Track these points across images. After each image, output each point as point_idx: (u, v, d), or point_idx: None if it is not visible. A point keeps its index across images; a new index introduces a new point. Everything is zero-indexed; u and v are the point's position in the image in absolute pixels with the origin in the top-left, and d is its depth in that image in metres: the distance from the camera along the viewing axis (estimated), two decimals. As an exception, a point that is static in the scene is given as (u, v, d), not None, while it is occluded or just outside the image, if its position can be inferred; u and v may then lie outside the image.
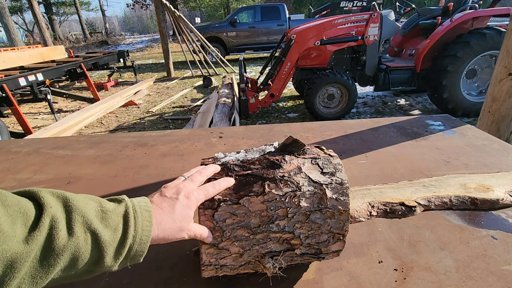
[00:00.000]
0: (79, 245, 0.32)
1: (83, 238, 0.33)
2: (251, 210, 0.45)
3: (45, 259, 0.30)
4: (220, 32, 8.98)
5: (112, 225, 0.36)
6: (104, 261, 0.35)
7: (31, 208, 0.31)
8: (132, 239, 0.37)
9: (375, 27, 3.67)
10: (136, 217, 0.38)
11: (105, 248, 0.34)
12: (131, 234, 0.37)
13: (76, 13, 23.18)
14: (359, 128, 1.19)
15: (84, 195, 0.37)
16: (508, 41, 1.54)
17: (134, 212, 0.38)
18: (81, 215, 0.33)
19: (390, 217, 0.68)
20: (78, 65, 5.25)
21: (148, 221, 0.39)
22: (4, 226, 0.27)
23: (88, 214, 0.34)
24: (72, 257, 0.32)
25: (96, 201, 0.37)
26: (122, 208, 0.38)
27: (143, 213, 0.39)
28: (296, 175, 0.47)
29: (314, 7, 10.92)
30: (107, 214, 0.36)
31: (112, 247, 0.35)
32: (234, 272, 0.49)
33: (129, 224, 0.37)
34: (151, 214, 0.40)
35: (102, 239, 0.34)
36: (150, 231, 0.38)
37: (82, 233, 0.33)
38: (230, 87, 4.90)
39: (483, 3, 4.06)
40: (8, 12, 9.86)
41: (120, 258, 0.36)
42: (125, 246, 0.36)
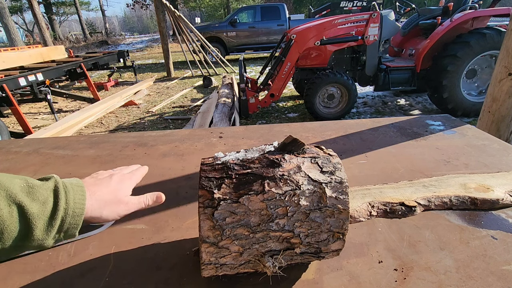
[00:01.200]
0: (2, 217, 0.31)
1: (7, 211, 0.32)
2: (250, 208, 0.45)
3: None
4: (220, 32, 8.99)
5: (40, 199, 0.35)
6: (33, 234, 0.34)
7: None
8: (64, 211, 0.36)
9: (375, 27, 3.67)
10: (67, 191, 0.38)
11: (33, 220, 0.33)
12: (62, 207, 0.36)
13: (76, 13, 23.19)
14: (359, 128, 1.19)
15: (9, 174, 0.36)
16: (508, 41, 1.54)
17: (64, 187, 0.38)
18: (4, 188, 0.33)
19: (390, 217, 0.68)
20: (78, 65, 5.25)
21: (80, 194, 0.39)
22: None
23: (12, 188, 0.33)
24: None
25: (22, 179, 0.36)
26: (51, 183, 0.37)
27: (74, 188, 0.39)
28: (295, 174, 0.47)
29: (314, 7, 10.92)
30: (34, 189, 0.35)
31: (41, 220, 0.34)
32: (234, 271, 0.49)
33: (60, 197, 0.36)
34: (83, 189, 0.40)
35: (30, 211, 0.33)
36: (84, 203, 0.38)
37: (6, 206, 0.32)
38: (230, 87, 4.90)
39: (483, 3, 4.06)
40: (8, 12, 9.86)
41: (52, 232, 0.35)
42: (57, 218, 0.35)
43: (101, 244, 0.62)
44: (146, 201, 0.47)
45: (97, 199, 0.41)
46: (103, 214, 0.41)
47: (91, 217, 0.40)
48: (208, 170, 0.48)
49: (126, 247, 0.61)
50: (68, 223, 0.37)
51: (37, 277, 0.55)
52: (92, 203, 0.40)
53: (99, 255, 0.59)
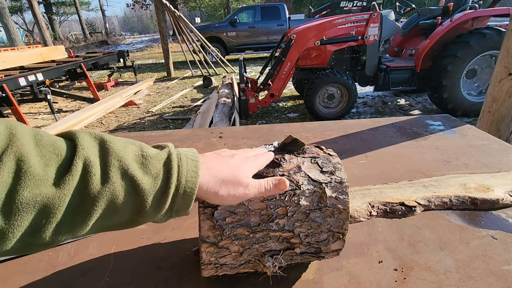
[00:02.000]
0: (115, 191, 0.30)
1: (120, 184, 0.30)
2: (250, 208, 0.45)
3: (81, 205, 0.28)
4: (220, 32, 8.98)
5: (152, 172, 0.32)
6: (145, 210, 0.32)
7: (65, 149, 0.29)
8: (175, 189, 0.33)
9: (375, 27, 3.67)
10: (180, 165, 0.34)
11: (145, 196, 0.31)
12: (174, 184, 0.33)
13: (76, 13, 23.20)
14: (359, 128, 1.19)
15: (125, 139, 0.34)
16: (508, 41, 1.54)
17: (178, 160, 0.34)
18: (118, 159, 0.30)
19: (390, 217, 0.68)
20: (78, 65, 5.25)
21: (193, 171, 0.35)
22: (36, 169, 0.26)
23: (126, 158, 0.31)
24: (109, 204, 0.30)
25: (137, 145, 0.34)
26: (164, 155, 0.34)
27: (189, 162, 0.35)
28: (295, 174, 0.47)
29: (314, 7, 10.92)
30: (147, 160, 0.33)
31: (152, 195, 0.32)
32: (234, 271, 0.49)
33: (172, 173, 0.33)
34: (197, 164, 0.35)
35: (141, 186, 0.31)
36: (196, 182, 0.34)
37: (119, 179, 0.30)
38: (230, 87, 4.90)
39: (483, 3, 4.06)
40: (8, 12, 9.86)
41: (163, 209, 0.33)
42: (167, 196, 0.33)
43: (101, 244, 0.62)
44: (267, 186, 0.40)
45: (214, 175, 0.37)
46: (219, 193, 0.37)
47: (206, 193, 0.36)
48: None
49: (126, 247, 0.61)
50: (179, 202, 0.34)
51: (37, 277, 0.55)
52: (208, 179, 0.36)
53: (99, 255, 0.59)
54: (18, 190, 0.25)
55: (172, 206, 0.34)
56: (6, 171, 0.24)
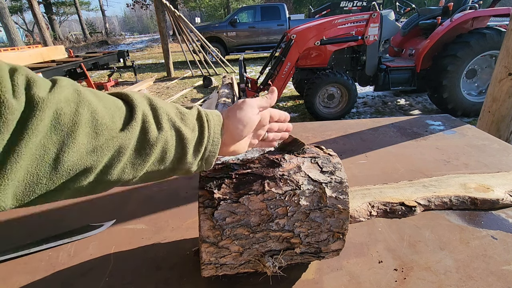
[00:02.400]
0: (167, 139, 0.35)
1: (170, 133, 0.36)
2: (250, 208, 0.45)
3: (142, 149, 0.34)
4: (220, 32, 8.98)
5: (190, 125, 0.38)
6: (186, 157, 0.38)
7: (123, 105, 0.34)
8: (207, 139, 0.39)
9: (375, 27, 3.67)
10: (209, 119, 0.41)
11: (187, 144, 0.37)
12: (206, 135, 0.39)
13: (76, 13, 23.19)
14: (359, 128, 1.19)
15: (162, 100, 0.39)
16: (508, 41, 1.54)
17: (206, 116, 0.41)
18: (166, 113, 0.36)
19: (390, 217, 0.68)
20: (78, 65, 5.25)
21: (218, 125, 0.41)
22: (105, 118, 0.31)
23: (170, 113, 0.37)
24: (162, 149, 0.35)
25: (173, 105, 0.40)
26: (195, 112, 0.41)
27: (214, 117, 0.42)
28: (295, 174, 0.47)
29: (314, 7, 10.93)
30: (184, 116, 0.38)
31: (192, 144, 0.38)
32: (234, 271, 0.49)
33: (204, 126, 0.39)
34: (220, 118, 0.42)
35: (185, 136, 0.37)
36: (220, 133, 0.41)
37: (169, 129, 0.36)
38: (230, 87, 4.90)
39: (483, 3, 4.06)
40: (8, 12, 9.85)
41: (198, 156, 0.39)
42: (202, 145, 0.39)
43: (101, 244, 0.62)
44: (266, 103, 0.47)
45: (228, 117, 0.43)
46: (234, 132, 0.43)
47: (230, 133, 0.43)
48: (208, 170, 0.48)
49: (126, 247, 0.61)
50: (209, 150, 0.40)
51: (37, 277, 0.55)
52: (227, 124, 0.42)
53: (99, 255, 0.59)
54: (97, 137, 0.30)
55: (204, 155, 0.40)
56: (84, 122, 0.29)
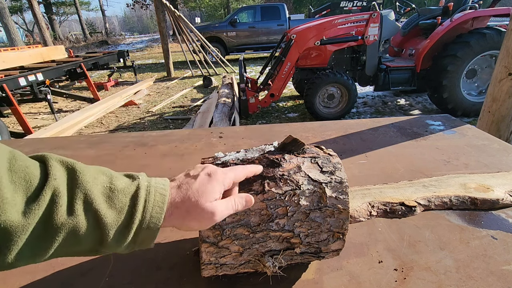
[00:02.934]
0: (78, 224, 0.30)
1: (83, 217, 0.31)
2: (250, 208, 0.45)
3: (44, 234, 0.29)
4: (220, 32, 8.98)
5: (117, 206, 0.33)
6: (107, 243, 0.33)
7: (37, 177, 0.30)
8: (139, 223, 0.34)
9: (375, 27, 3.67)
10: (148, 200, 0.35)
11: (106, 230, 0.32)
12: (138, 219, 0.34)
13: (76, 13, 23.19)
14: (359, 128, 1.19)
15: (97, 168, 0.35)
16: (508, 41, 1.54)
17: (146, 195, 0.35)
18: (85, 192, 0.31)
19: (390, 217, 0.68)
20: (78, 65, 5.25)
21: (159, 206, 0.35)
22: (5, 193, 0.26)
23: (93, 191, 0.32)
24: (71, 235, 0.30)
25: (108, 176, 0.35)
26: (133, 188, 0.35)
27: (156, 197, 0.36)
28: (295, 174, 0.47)
29: (314, 7, 10.92)
30: (114, 193, 0.33)
31: (114, 229, 0.33)
32: (234, 271, 0.49)
33: (137, 208, 0.34)
34: (164, 199, 0.36)
35: (104, 220, 0.32)
36: (160, 218, 0.35)
37: (82, 212, 0.31)
38: (230, 87, 4.90)
39: (483, 3, 4.06)
40: (8, 12, 9.85)
41: (124, 242, 0.34)
42: (130, 230, 0.34)
43: (101, 244, 0.62)
44: (234, 206, 0.41)
45: (177, 207, 0.37)
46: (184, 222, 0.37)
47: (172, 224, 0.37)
48: None
49: (126, 247, 0.61)
50: (142, 236, 0.35)
51: (37, 277, 0.55)
52: (173, 211, 0.36)
53: (99, 255, 0.59)
54: None
55: (135, 240, 0.35)
56: None
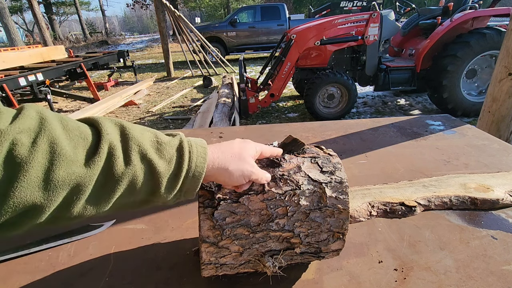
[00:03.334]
0: (136, 173, 0.33)
1: (139, 167, 0.33)
2: (250, 208, 0.45)
3: (106, 184, 0.31)
4: (220, 32, 8.98)
5: (166, 157, 0.36)
6: (159, 191, 0.35)
7: (90, 134, 0.31)
8: (186, 172, 0.36)
9: (375, 27, 3.67)
10: (191, 151, 0.38)
11: (160, 178, 0.35)
12: (185, 168, 0.36)
13: (76, 13, 23.18)
14: (359, 128, 1.19)
15: (141, 126, 0.37)
16: (508, 41, 1.53)
17: (189, 146, 0.38)
18: (137, 144, 0.34)
19: (390, 217, 0.68)
20: (78, 65, 5.24)
21: (202, 157, 0.38)
22: (67, 150, 0.28)
23: (144, 143, 0.34)
24: (130, 184, 0.33)
25: (152, 132, 0.37)
26: (177, 141, 0.37)
27: (198, 149, 0.38)
28: (295, 174, 0.47)
29: (314, 7, 10.91)
30: (162, 146, 0.36)
31: (166, 178, 0.35)
32: (234, 271, 0.49)
33: (183, 158, 0.36)
34: (206, 151, 0.39)
35: (157, 169, 0.34)
36: (204, 166, 0.38)
37: (138, 162, 0.33)
38: (230, 87, 4.90)
39: (483, 3, 4.06)
40: (8, 12, 9.85)
41: (174, 190, 0.36)
42: (179, 179, 0.36)
43: (101, 244, 0.62)
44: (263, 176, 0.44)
45: (223, 151, 0.40)
46: (229, 168, 0.40)
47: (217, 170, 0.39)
48: None
49: (126, 247, 0.61)
50: (188, 184, 0.37)
51: (37, 277, 0.55)
52: (218, 155, 0.40)
53: (99, 255, 0.59)
54: (54, 170, 0.27)
55: (182, 188, 0.37)
56: (41, 153, 0.27)
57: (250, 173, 0.41)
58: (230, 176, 0.41)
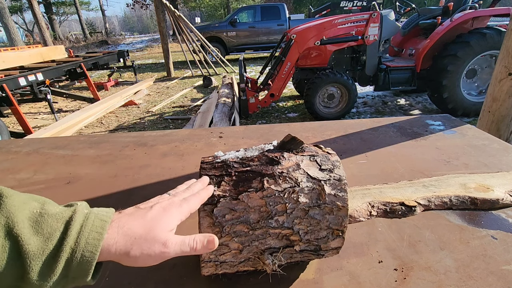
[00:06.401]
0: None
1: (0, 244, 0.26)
2: (250, 205, 0.45)
3: None
4: (220, 32, 8.98)
5: (45, 232, 0.28)
6: (30, 277, 0.27)
7: None
8: (70, 252, 0.29)
9: (375, 27, 3.67)
10: (84, 225, 0.30)
11: (28, 259, 0.27)
12: (69, 246, 0.29)
13: (76, 13, 23.18)
14: (359, 128, 1.19)
15: (32, 195, 0.31)
16: (508, 41, 1.53)
17: (84, 219, 0.31)
18: (6, 215, 0.27)
19: (390, 217, 0.68)
20: (78, 65, 5.24)
21: (98, 232, 0.30)
22: None
23: (17, 215, 0.28)
24: None
25: (41, 202, 0.31)
26: (68, 213, 0.31)
27: (95, 222, 0.31)
28: (294, 172, 0.47)
29: (314, 7, 10.90)
30: (43, 218, 0.29)
31: (39, 259, 0.27)
32: (234, 269, 0.49)
33: (69, 233, 0.29)
34: (105, 225, 0.31)
35: (25, 248, 0.27)
36: (98, 245, 0.30)
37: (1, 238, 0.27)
38: (230, 87, 4.90)
39: (483, 3, 4.05)
40: (8, 12, 9.85)
41: (52, 276, 0.28)
42: (59, 260, 0.28)
43: (100, 244, 0.62)
44: (193, 244, 0.36)
45: (125, 233, 0.32)
46: (131, 253, 0.32)
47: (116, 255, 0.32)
48: (208, 168, 0.48)
49: (125, 247, 0.61)
50: (75, 268, 0.29)
51: (36, 277, 0.54)
52: (117, 238, 0.32)
53: (98, 254, 0.59)
54: None
55: (66, 273, 0.29)
56: None
57: (161, 254, 0.34)
58: (134, 262, 0.33)
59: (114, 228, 0.32)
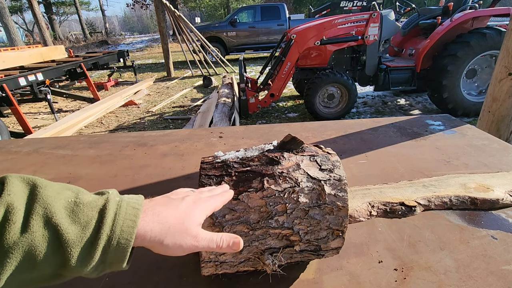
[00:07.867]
0: (34, 242, 0.27)
1: (41, 233, 0.27)
2: (250, 205, 0.45)
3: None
4: (220, 32, 8.98)
5: (82, 220, 0.29)
6: (71, 264, 0.28)
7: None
8: (107, 239, 0.30)
9: (375, 27, 3.67)
10: (118, 213, 0.31)
11: (69, 248, 0.28)
12: (106, 234, 0.30)
13: (76, 13, 23.18)
14: (359, 128, 1.19)
15: (64, 184, 0.32)
16: (508, 41, 1.53)
17: (117, 207, 0.31)
18: (44, 206, 0.28)
19: (390, 217, 0.68)
20: (78, 65, 5.24)
21: (131, 220, 0.31)
22: None
23: (54, 205, 0.28)
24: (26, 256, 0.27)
25: (74, 191, 0.32)
26: (101, 202, 0.31)
27: (128, 210, 0.32)
28: (294, 172, 0.47)
29: (314, 7, 10.90)
30: (78, 207, 0.30)
31: (78, 247, 0.28)
32: (234, 269, 0.49)
33: (104, 222, 0.30)
34: (138, 213, 0.32)
35: (65, 236, 0.28)
36: (132, 233, 0.31)
37: (40, 228, 0.27)
38: (230, 87, 4.90)
39: (483, 3, 4.06)
40: (8, 12, 9.85)
41: (91, 262, 0.29)
42: (97, 247, 0.29)
43: (100, 244, 0.62)
44: (219, 242, 0.37)
45: (160, 221, 0.33)
46: (164, 242, 0.33)
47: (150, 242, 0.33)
48: (208, 168, 0.48)
49: (125, 247, 0.61)
50: (111, 254, 0.30)
51: (36, 277, 0.54)
52: (152, 226, 0.33)
53: (98, 254, 0.59)
54: None
55: (104, 259, 0.30)
56: None
57: (192, 247, 0.35)
58: (165, 250, 0.34)
59: (150, 216, 0.33)
